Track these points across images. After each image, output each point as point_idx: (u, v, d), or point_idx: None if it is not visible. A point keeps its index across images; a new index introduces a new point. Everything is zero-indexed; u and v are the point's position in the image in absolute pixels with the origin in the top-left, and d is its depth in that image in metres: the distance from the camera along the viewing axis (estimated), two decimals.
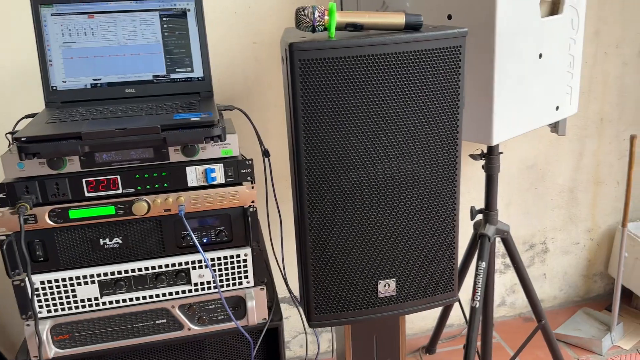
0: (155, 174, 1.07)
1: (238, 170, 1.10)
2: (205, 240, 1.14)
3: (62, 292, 1.09)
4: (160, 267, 1.13)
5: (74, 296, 1.10)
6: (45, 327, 1.10)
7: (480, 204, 1.67)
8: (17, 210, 0.98)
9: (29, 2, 1.14)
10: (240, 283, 1.18)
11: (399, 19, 1.05)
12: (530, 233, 2.18)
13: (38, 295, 1.08)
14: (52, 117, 1.07)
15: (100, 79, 1.19)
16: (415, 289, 1.18)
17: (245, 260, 1.16)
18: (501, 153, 1.59)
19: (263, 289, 1.19)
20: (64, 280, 1.09)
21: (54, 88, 1.17)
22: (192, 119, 1.02)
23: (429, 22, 1.21)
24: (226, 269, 1.16)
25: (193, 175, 1.08)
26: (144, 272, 1.12)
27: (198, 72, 1.22)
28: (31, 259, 1.06)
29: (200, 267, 1.14)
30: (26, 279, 1.03)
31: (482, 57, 1.31)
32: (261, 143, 1.20)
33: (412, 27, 1.06)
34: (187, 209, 1.10)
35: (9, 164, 1.01)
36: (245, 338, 1.22)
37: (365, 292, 1.16)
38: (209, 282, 1.16)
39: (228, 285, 1.17)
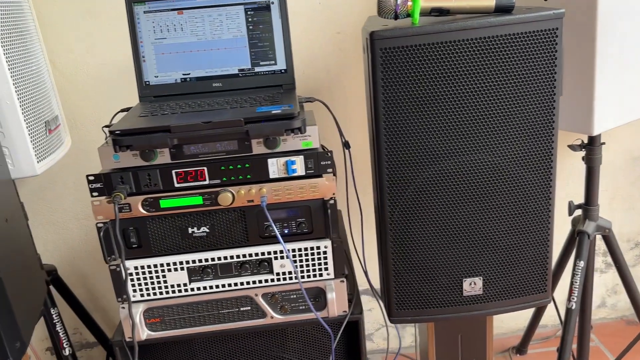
0: (239, 166, 1.09)
1: (318, 162, 1.09)
2: (286, 231, 1.15)
3: (154, 277, 1.15)
4: (244, 256, 1.16)
5: (165, 281, 1.15)
6: (138, 310, 1.16)
7: (579, 198, 1.55)
8: (113, 200, 1.04)
9: (124, 1, 1.20)
10: (321, 275, 1.18)
11: (489, 1, 0.99)
12: (635, 230, 2.00)
13: (132, 280, 1.14)
14: (145, 111, 1.13)
15: (189, 74, 1.23)
16: (503, 289, 1.12)
17: (325, 252, 1.16)
18: (603, 144, 1.47)
19: (343, 281, 1.19)
20: (155, 266, 1.14)
21: (147, 83, 1.23)
22: (273, 112, 1.02)
23: (521, 3, 1.13)
24: (307, 260, 1.16)
25: (274, 167, 1.09)
26: (229, 260, 1.15)
27: (281, 64, 1.23)
28: (126, 246, 1.13)
29: (282, 257, 1.15)
30: (121, 265, 1.09)
31: (582, 40, 1.21)
32: (341, 134, 1.18)
33: (503, 9, 1.00)
34: (269, 200, 1.11)
35: (106, 155, 1.07)
36: (326, 329, 1.22)
37: (449, 290, 1.12)
38: (290, 273, 1.17)
39: (309, 277, 1.18)
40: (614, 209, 1.97)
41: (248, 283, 1.17)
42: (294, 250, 1.15)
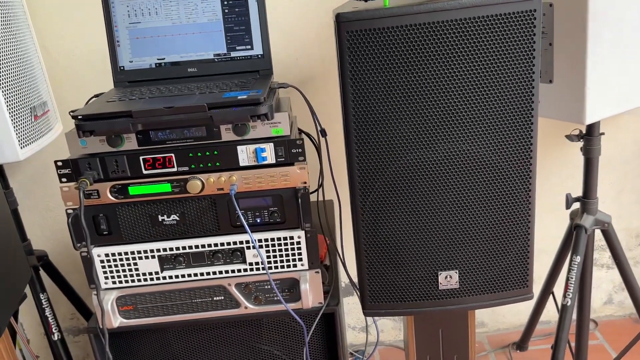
0: (207, 153, 1.07)
1: (289, 150, 1.06)
2: (258, 221, 1.12)
3: (125, 265, 1.14)
4: (216, 245, 1.14)
5: (137, 269, 1.14)
6: (111, 298, 1.15)
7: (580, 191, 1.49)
8: (78, 186, 1.03)
9: None
10: (295, 265, 1.15)
11: None
12: None
13: (103, 267, 1.13)
14: (114, 96, 1.11)
15: (164, 59, 1.21)
16: (481, 283, 1.08)
17: (299, 242, 1.13)
18: (602, 134, 1.40)
19: (318, 272, 1.16)
20: (126, 253, 1.13)
21: (122, 68, 1.22)
22: (239, 97, 1.00)
23: None
24: (280, 250, 1.14)
25: (244, 154, 1.07)
26: (200, 249, 1.14)
27: (258, 49, 1.20)
28: (97, 233, 1.12)
29: (253, 247, 1.13)
30: (90, 251, 1.08)
31: (572, 23, 1.14)
32: (317, 122, 1.15)
33: None
34: (240, 189, 1.09)
35: (73, 141, 1.06)
36: (303, 320, 1.20)
37: (424, 283, 1.08)
38: (262, 263, 1.14)
39: (282, 267, 1.15)
40: (622, 203, 1.89)
41: (221, 272, 1.15)
42: (266, 240, 1.13)
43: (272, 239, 1.13)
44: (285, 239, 1.13)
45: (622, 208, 1.89)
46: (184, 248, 1.14)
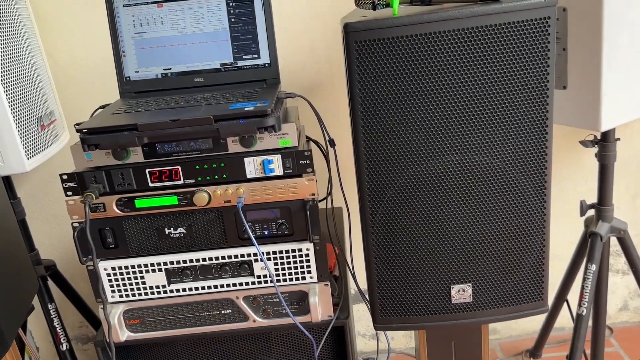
0: (214, 165, 1.05)
1: (297, 162, 1.04)
2: (266, 233, 1.10)
3: (132, 278, 1.12)
4: (224, 257, 1.12)
5: (143, 283, 1.13)
6: (118, 311, 1.14)
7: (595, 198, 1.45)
8: (84, 200, 1.02)
9: None
10: (304, 278, 1.13)
11: None
12: None
13: (110, 281, 1.12)
14: (120, 108, 1.10)
15: (170, 69, 1.19)
16: (495, 297, 1.05)
17: (307, 255, 1.11)
18: (618, 139, 1.37)
19: (327, 284, 1.14)
20: (133, 267, 1.12)
21: (128, 79, 1.20)
22: (245, 109, 0.98)
23: None
24: (288, 262, 1.12)
25: (251, 166, 1.05)
26: (208, 262, 1.12)
27: (265, 58, 1.18)
28: (103, 246, 1.10)
29: (260, 260, 1.11)
30: (96, 265, 1.07)
31: (587, 28, 1.11)
32: (325, 132, 1.13)
33: None
34: (247, 201, 1.07)
35: (79, 154, 1.05)
36: (313, 333, 1.18)
37: (436, 297, 1.05)
38: (270, 276, 1.12)
39: (290, 280, 1.13)
40: (637, 207, 1.85)
41: (228, 286, 1.14)
42: (274, 253, 1.11)
43: (280, 252, 1.11)
44: (293, 251, 1.11)
45: (638, 213, 1.85)
46: (191, 261, 1.12)
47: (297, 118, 1.17)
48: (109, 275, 1.12)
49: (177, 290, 1.14)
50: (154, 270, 1.12)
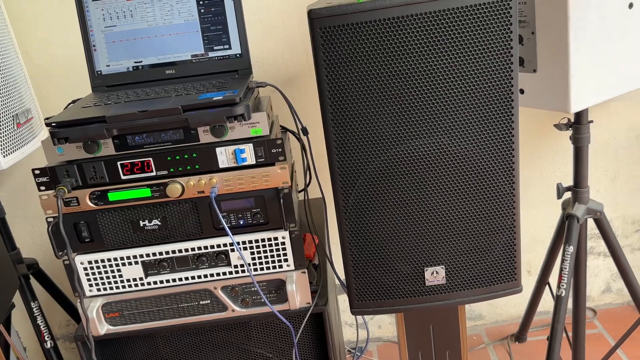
0: (186, 156, 1.05)
1: (269, 150, 1.05)
2: (241, 223, 1.11)
3: (109, 271, 1.13)
4: (199, 248, 1.12)
5: (120, 276, 1.13)
6: (96, 305, 1.14)
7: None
8: (56, 194, 1.02)
9: None
10: (280, 266, 1.14)
11: None
12: None
13: (87, 275, 1.12)
14: (90, 101, 1.10)
15: (141, 61, 1.19)
16: (468, 278, 1.06)
17: (283, 243, 1.11)
18: (591, 122, 1.38)
19: (304, 272, 1.14)
20: (109, 260, 1.12)
21: (99, 72, 1.20)
22: (214, 99, 0.98)
23: None
24: (265, 251, 1.12)
25: (223, 156, 1.05)
26: (184, 253, 1.12)
27: (236, 49, 1.18)
28: (78, 240, 1.11)
29: (234, 250, 1.12)
30: (72, 259, 1.07)
31: (553, 9, 1.12)
32: (297, 120, 1.13)
33: None
34: (220, 191, 1.07)
35: (50, 148, 1.05)
36: (292, 321, 1.19)
37: (410, 280, 1.06)
38: (249, 265, 1.13)
39: (268, 268, 1.14)
40: (616, 190, 1.87)
41: (206, 276, 1.14)
42: (250, 242, 1.11)
43: (257, 240, 1.11)
44: (269, 240, 1.11)
45: (617, 195, 1.87)
46: (167, 253, 1.12)
47: (269, 107, 1.18)
48: (85, 269, 1.12)
49: (155, 283, 1.14)
50: (130, 263, 1.12)
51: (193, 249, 1.12)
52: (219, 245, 1.12)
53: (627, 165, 1.84)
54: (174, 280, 1.14)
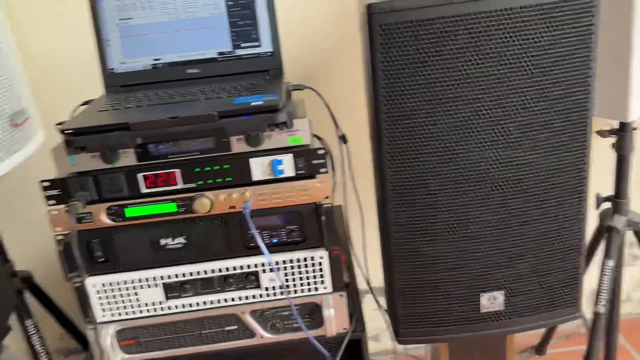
0: (217, 167, 0.93)
1: (309, 161, 0.93)
2: (274, 241, 0.99)
3: (125, 295, 1.01)
4: (227, 269, 1.01)
5: (137, 300, 1.01)
6: (109, 332, 1.02)
7: (607, 190, 1.38)
8: (69, 210, 0.89)
9: None
10: (316, 289, 1.03)
11: None
12: None
13: (100, 299, 1.00)
14: (106, 104, 0.97)
15: (160, 59, 1.07)
16: (527, 304, 0.97)
17: (320, 264, 1.00)
18: (635, 129, 1.30)
19: (343, 295, 1.04)
20: (125, 282, 1.00)
21: (112, 71, 1.07)
22: (252, 104, 0.86)
23: None
24: (300, 272, 1.01)
25: (258, 167, 0.94)
26: (210, 274, 1.01)
27: (267, 46, 1.07)
28: (91, 260, 0.98)
29: (271, 270, 1.00)
30: (84, 282, 0.95)
31: (616, 13, 1.03)
32: (337, 127, 1.02)
33: None
34: (254, 206, 0.96)
35: (61, 158, 0.92)
36: (326, 348, 1.08)
37: (464, 306, 0.96)
38: (281, 287, 1.02)
39: (302, 291, 1.03)
40: None
41: (233, 300, 1.03)
42: (284, 262, 1.00)
43: (291, 260, 1.00)
44: (305, 259, 1.00)
45: None
46: (190, 274, 1.01)
47: (306, 113, 1.06)
48: (98, 292, 1.00)
49: (176, 307, 1.02)
50: (149, 286, 1.00)
51: (220, 270, 1.00)
52: (248, 266, 1.01)
53: None
54: (197, 304, 1.02)
